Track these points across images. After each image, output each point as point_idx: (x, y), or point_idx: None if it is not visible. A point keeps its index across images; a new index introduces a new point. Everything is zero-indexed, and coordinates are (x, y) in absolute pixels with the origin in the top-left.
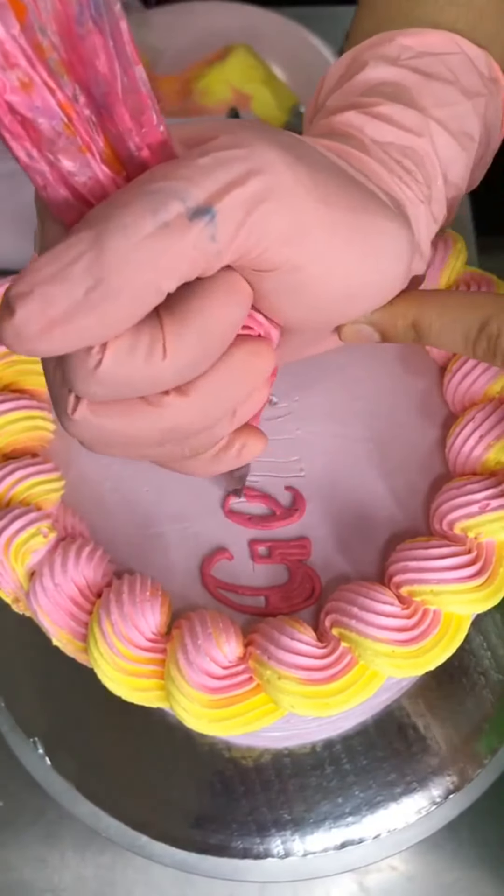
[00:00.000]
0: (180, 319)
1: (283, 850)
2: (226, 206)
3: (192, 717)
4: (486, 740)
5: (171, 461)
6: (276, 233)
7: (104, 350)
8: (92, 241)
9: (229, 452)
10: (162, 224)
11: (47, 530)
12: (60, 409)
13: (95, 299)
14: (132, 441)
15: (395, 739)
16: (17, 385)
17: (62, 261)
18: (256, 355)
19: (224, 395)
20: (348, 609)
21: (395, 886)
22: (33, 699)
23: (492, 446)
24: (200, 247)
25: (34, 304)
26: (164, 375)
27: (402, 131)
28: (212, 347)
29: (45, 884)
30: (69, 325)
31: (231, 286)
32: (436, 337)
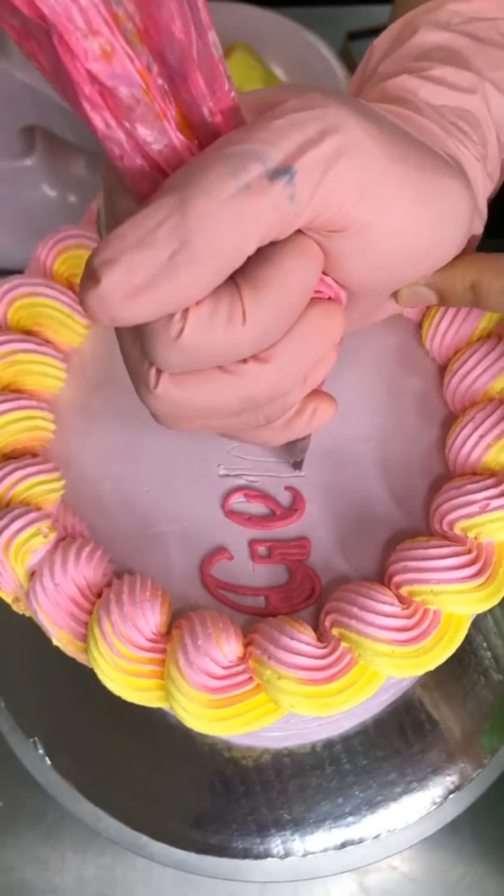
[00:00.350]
0: (257, 285)
1: (283, 850)
2: (304, 165)
3: (192, 717)
4: (487, 740)
5: (245, 431)
6: (351, 190)
7: (185, 318)
8: (175, 206)
9: (302, 418)
10: (243, 185)
11: (47, 530)
12: (140, 384)
13: (180, 263)
14: (211, 412)
15: (396, 739)
16: (17, 385)
17: (146, 226)
18: (329, 317)
19: (300, 358)
20: (348, 609)
21: (395, 886)
22: (33, 699)
23: (492, 446)
24: (280, 207)
25: (120, 271)
26: (243, 342)
27: (457, 92)
28: (288, 311)
29: (46, 884)
30: (155, 290)
31: (304, 249)
32: (495, 299)
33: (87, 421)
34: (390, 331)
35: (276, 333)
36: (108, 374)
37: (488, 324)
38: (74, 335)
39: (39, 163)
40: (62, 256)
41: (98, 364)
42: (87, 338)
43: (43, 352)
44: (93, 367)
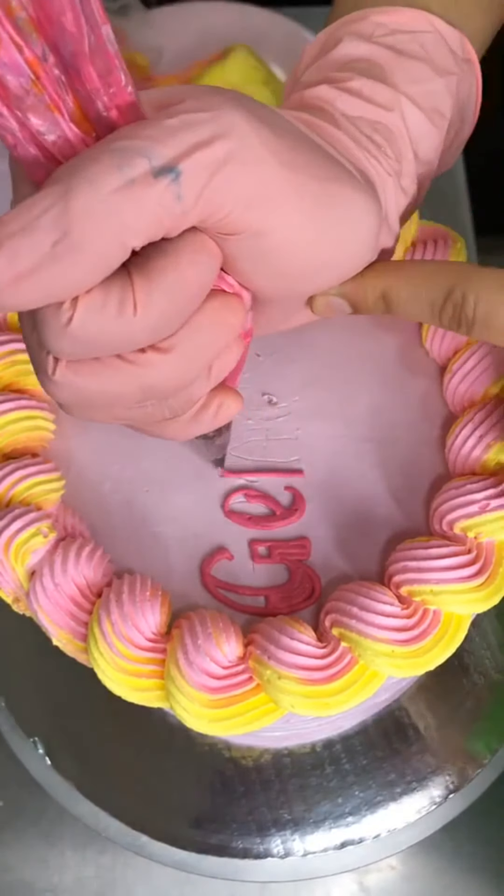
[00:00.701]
0: (149, 276)
1: (283, 849)
2: (190, 166)
3: (192, 716)
4: (486, 740)
5: (151, 425)
6: (239, 195)
7: (75, 306)
8: (59, 195)
9: (207, 412)
10: (128, 180)
11: (47, 530)
12: (41, 371)
13: (61, 252)
14: (113, 401)
15: (395, 739)
16: (17, 385)
17: (30, 214)
18: (228, 308)
19: (199, 349)
20: (348, 609)
21: (394, 886)
22: (33, 699)
23: (492, 446)
24: (165, 205)
25: (1, 257)
26: (137, 332)
27: (373, 106)
28: (182, 304)
29: (46, 884)
30: (37, 277)
31: (198, 245)
32: (404, 307)
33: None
34: (390, 331)
35: (172, 325)
36: None
37: None
38: None
39: None
40: None
41: None
42: None
43: None
44: None
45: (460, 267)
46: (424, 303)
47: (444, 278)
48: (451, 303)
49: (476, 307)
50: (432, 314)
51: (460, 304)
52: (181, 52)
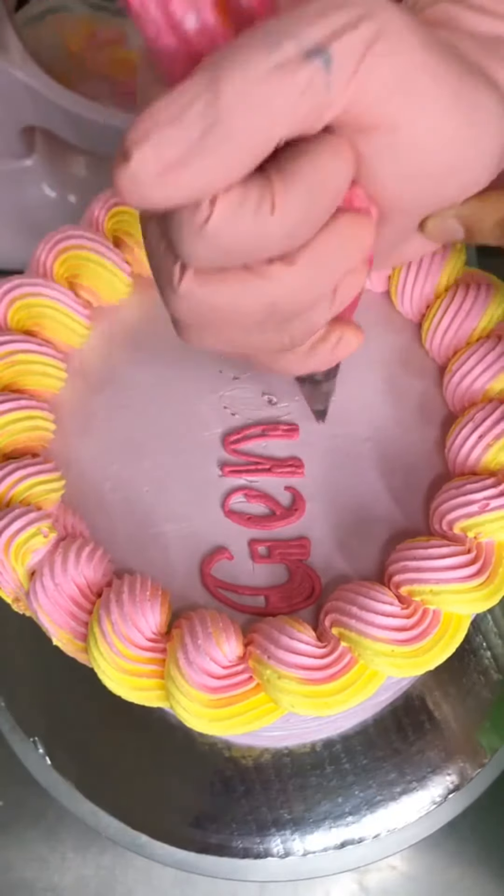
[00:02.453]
0: (288, 175)
1: (282, 849)
2: (340, 47)
3: (192, 716)
4: (486, 740)
5: (269, 353)
6: (386, 81)
7: (213, 205)
8: (208, 83)
9: (326, 344)
10: (277, 64)
11: (47, 530)
12: (164, 283)
13: (212, 141)
14: (234, 318)
15: (395, 739)
16: (17, 385)
17: (178, 103)
18: (358, 226)
19: (327, 265)
20: (348, 609)
21: (394, 886)
22: (33, 699)
23: (491, 446)
24: (315, 90)
25: (151, 147)
26: (271, 235)
27: (499, 20)
28: (318, 208)
29: (46, 884)
30: (185, 169)
31: (337, 146)
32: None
33: (87, 421)
34: (390, 331)
35: (305, 232)
36: (108, 374)
37: (488, 324)
38: (74, 335)
39: (39, 163)
40: (62, 256)
41: (98, 364)
42: (87, 338)
43: (43, 352)
44: (93, 367)
45: None
46: None
47: None
48: None
49: None
50: None
51: None
52: None
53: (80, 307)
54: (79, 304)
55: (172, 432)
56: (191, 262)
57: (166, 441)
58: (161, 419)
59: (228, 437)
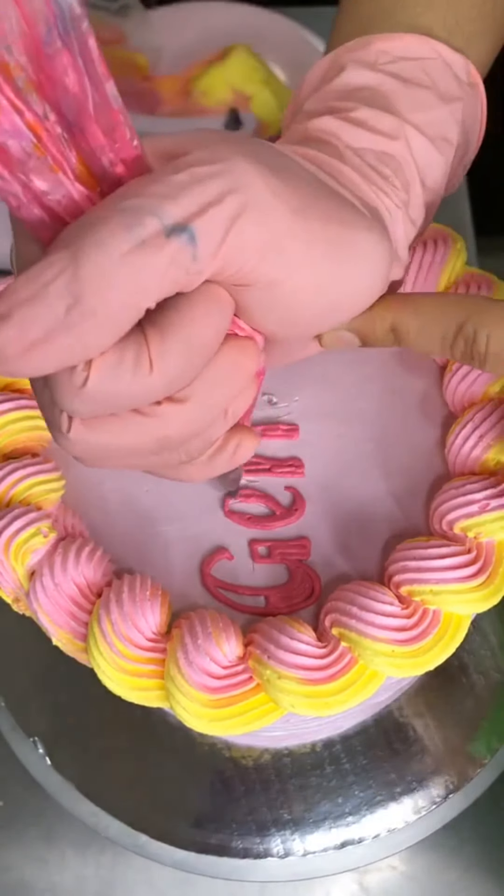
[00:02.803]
0: (164, 333)
1: (282, 849)
2: (204, 223)
3: (192, 716)
4: (486, 740)
5: (167, 468)
6: (253, 248)
7: (89, 368)
8: (68, 260)
9: (224, 453)
10: (139, 241)
11: (47, 530)
12: (54, 428)
13: (75, 318)
14: (129, 452)
15: (395, 739)
16: (17, 385)
17: (39, 281)
18: (242, 353)
19: (215, 396)
20: (348, 609)
21: (394, 886)
22: (33, 699)
23: (491, 446)
24: (180, 264)
25: (13, 326)
26: (153, 388)
27: (379, 136)
28: (197, 357)
29: (46, 883)
30: (50, 345)
31: (212, 297)
32: (414, 340)
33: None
34: None
35: (188, 377)
36: None
37: None
38: None
39: None
40: None
41: None
42: None
43: None
44: None
45: (471, 301)
46: (435, 337)
47: (455, 313)
48: (463, 337)
49: (489, 343)
50: (443, 348)
51: (472, 339)
52: (181, 52)
53: None
54: None
55: None
56: (75, 415)
57: None
58: None
59: None
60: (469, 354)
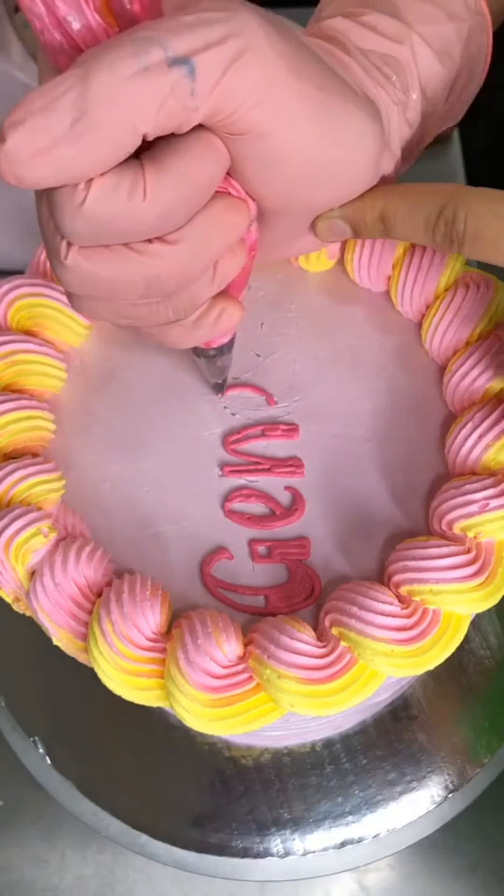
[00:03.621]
0: (160, 166)
1: (282, 849)
2: (204, 60)
3: (192, 716)
4: (486, 740)
5: (154, 325)
6: (248, 93)
7: (88, 188)
8: (79, 78)
9: (209, 317)
10: (143, 66)
11: (47, 530)
12: (53, 256)
13: (79, 130)
14: (119, 290)
15: (395, 739)
16: (17, 385)
17: (52, 95)
18: (233, 209)
19: (204, 244)
20: (348, 608)
21: (394, 886)
22: (33, 699)
23: (491, 446)
24: (178, 95)
25: (24, 131)
26: (145, 218)
27: (385, 39)
28: (189, 196)
29: (46, 883)
30: (55, 153)
31: (207, 142)
32: (401, 225)
33: (87, 421)
34: (390, 331)
35: (179, 217)
36: (108, 374)
37: (488, 324)
38: (74, 335)
39: None
40: None
41: (98, 364)
42: (87, 338)
43: (43, 352)
44: (93, 367)
45: (453, 186)
46: (419, 221)
47: (438, 197)
48: (443, 220)
49: (466, 223)
50: (426, 232)
51: (451, 220)
52: None
53: None
54: None
55: (172, 432)
56: (73, 239)
57: (166, 441)
58: (161, 419)
59: (228, 437)
60: (449, 237)
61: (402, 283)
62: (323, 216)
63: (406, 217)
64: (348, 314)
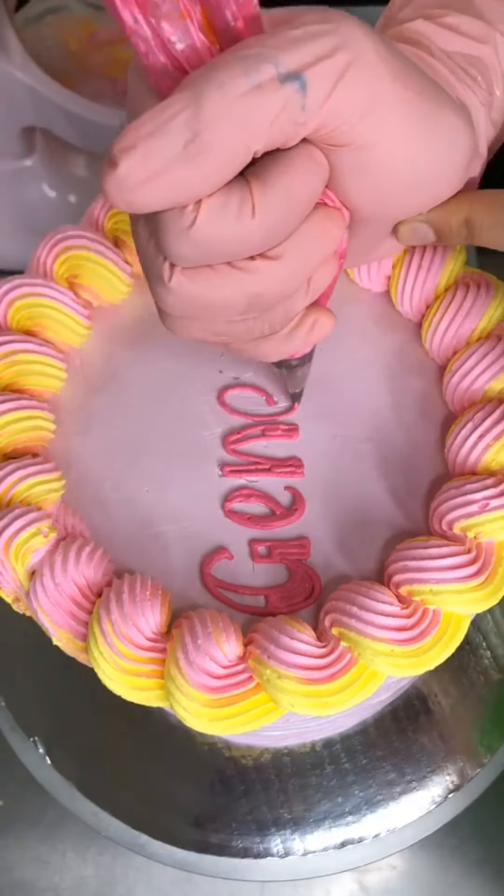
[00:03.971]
0: (267, 182)
1: (282, 849)
2: (315, 74)
3: (192, 716)
4: (486, 739)
5: (248, 341)
6: (356, 106)
7: (198, 209)
8: (190, 99)
9: (302, 328)
10: (255, 85)
11: (47, 530)
12: (155, 279)
13: (192, 152)
14: (219, 309)
15: (395, 738)
16: (17, 385)
17: (163, 118)
18: (331, 220)
19: (304, 257)
20: (348, 608)
21: (394, 885)
22: (33, 699)
23: (491, 446)
24: (290, 111)
25: (136, 156)
26: (253, 235)
27: (468, 40)
28: (295, 210)
29: (46, 883)
30: (167, 176)
31: (310, 155)
32: (487, 233)
33: (87, 421)
34: (390, 331)
35: (284, 231)
36: (108, 374)
37: (488, 324)
38: (74, 335)
39: (39, 163)
40: (62, 256)
41: (98, 364)
42: (87, 338)
43: (43, 352)
44: (93, 367)
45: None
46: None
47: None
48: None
49: None
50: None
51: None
52: None
53: (80, 307)
54: (79, 304)
55: (172, 432)
56: (178, 261)
57: (166, 441)
58: (161, 419)
59: (228, 437)
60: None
61: (402, 283)
62: (408, 221)
63: (493, 225)
64: (348, 314)
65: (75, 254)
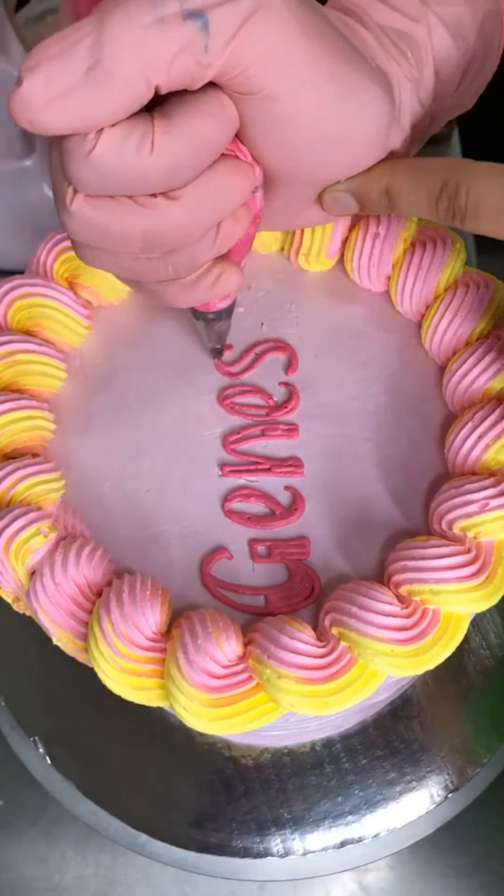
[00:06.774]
0: (170, 121)
1: (282, 848)
2: (218, 15)
3: (192, 716)
4: (486, 739)
5: (155, 282)
6: (260, 53)
7: (98, 137)
8: (95, 26)
9: (207, 278)
10: (158, 18)
11: (47, 530)
12: (60, 203)
13: (93, 78)
14: (118, 240)
15: (395, 738)
16: (17, 385)
17: (68, 41)
18: (238, 171)
19: (207, 204)
20: (348, 608)
21: (394, 885)
22: (33, 699)
23: (491, 446)
24: (192, 50)
25: (39, 76)
26: (151, 171)
27: (402, 16)
28: (196, 153)
29: (46, 883)
30: (68, 100)
31: (216, 101)
32: (405, 200)
33: (87, 421)
34: (390, 331)
35: (185, 174)
36: (108, 374)
37: (487, 324)
38: (74, 335)
39: (39, 163)
40: (62, 256)
41: (98, 364)
42: (87, 338)
43: (43, 352)
44: (93, 367)
45: (457, 161)
46: (423, 195)
47: (441, 171)
48: (446, 194)
49: (468, 196)
50: (429, 207)
51: (454, 194)
52: None
53: (80, 307)
54: (79, 304)
55: (172, 432)
56: (80, 187)
57: (166, 441)
58: (161, 419)
59: (228, 437)
60: (451, 211)
61: (402, 283)
62: (329, 189)
63: (410, 191)
64: (348, 314)
65: (75, 254)
